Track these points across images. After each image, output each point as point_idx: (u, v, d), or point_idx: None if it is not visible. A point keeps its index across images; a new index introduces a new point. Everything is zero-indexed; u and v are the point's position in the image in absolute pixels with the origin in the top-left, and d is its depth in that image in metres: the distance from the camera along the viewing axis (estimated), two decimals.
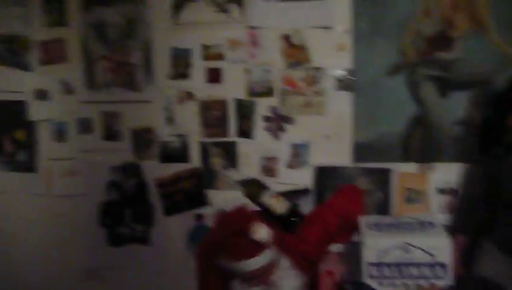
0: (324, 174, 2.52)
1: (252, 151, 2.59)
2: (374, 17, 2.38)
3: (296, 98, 2.51)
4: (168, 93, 2.63)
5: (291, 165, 2.55)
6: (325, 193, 2.51)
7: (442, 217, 1.59)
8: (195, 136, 2.64)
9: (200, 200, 2.68)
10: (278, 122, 2.54)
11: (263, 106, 2.55)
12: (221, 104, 2.59)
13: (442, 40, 2.33)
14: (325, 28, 2.44)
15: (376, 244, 1.41)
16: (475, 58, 2.31)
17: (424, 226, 1.52)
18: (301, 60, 2.49)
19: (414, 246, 1.39)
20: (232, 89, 2.57)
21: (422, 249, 1.38)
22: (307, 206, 2.50)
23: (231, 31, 2.52)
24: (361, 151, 2.46)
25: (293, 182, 2.54)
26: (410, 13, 2.34)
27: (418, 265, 1.38)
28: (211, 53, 2.57)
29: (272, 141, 2.56)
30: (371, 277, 1.41)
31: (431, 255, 1.38)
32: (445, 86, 2.35)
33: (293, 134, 2.53)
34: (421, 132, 2.40)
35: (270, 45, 2.50)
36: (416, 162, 2.43)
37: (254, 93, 2.55)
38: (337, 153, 2.50)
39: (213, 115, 2.60)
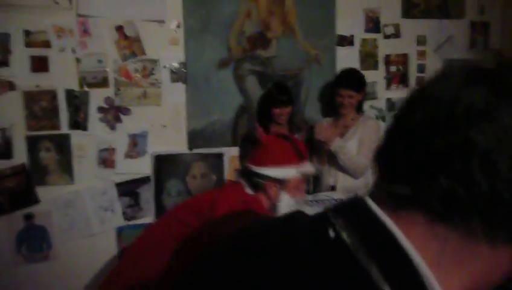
0: (163, 161, 2.65)
1: (87, 143, 2.53)
2: (203, 15, 2.61)
3: (132, 89, 2.55)
4: None
5: (129, 155, 2.60)
6: (164, 180, 2.64)
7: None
8: (20, 130, 2.43)
9: (27, 199, 2.48)
10: (114, 113, 2.55)
11: (98, 97, 2.51)
12: (50, 94, 2.44)
13: (261, 40, 2.72)
14: (159, 22, 2.55)
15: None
16: (286, 56, 2.77)
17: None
18: (135, 52, 2.55)
19: None
20: (62, 78, 2.45)
21: None
22: (148, 192, 2.61)
23: (57, 17, 2.40)
24: (196, 138, 2.68)
25: (132, 172, 2.60)
26: (234, 14, 2.65)
27: None
28: (34, 40, 2.39)
29: (108, 132, 2.55)
30: None
31: None
32: (265, 79, 2.74)
33: (130, 124, 2.58)
34: (246, 119, 2.75)
35: (103, 35, 2.48)
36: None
37: (87, 83, 2.49)
38: (174, 141, 2.66)
39: (41, 107, 2.43)
